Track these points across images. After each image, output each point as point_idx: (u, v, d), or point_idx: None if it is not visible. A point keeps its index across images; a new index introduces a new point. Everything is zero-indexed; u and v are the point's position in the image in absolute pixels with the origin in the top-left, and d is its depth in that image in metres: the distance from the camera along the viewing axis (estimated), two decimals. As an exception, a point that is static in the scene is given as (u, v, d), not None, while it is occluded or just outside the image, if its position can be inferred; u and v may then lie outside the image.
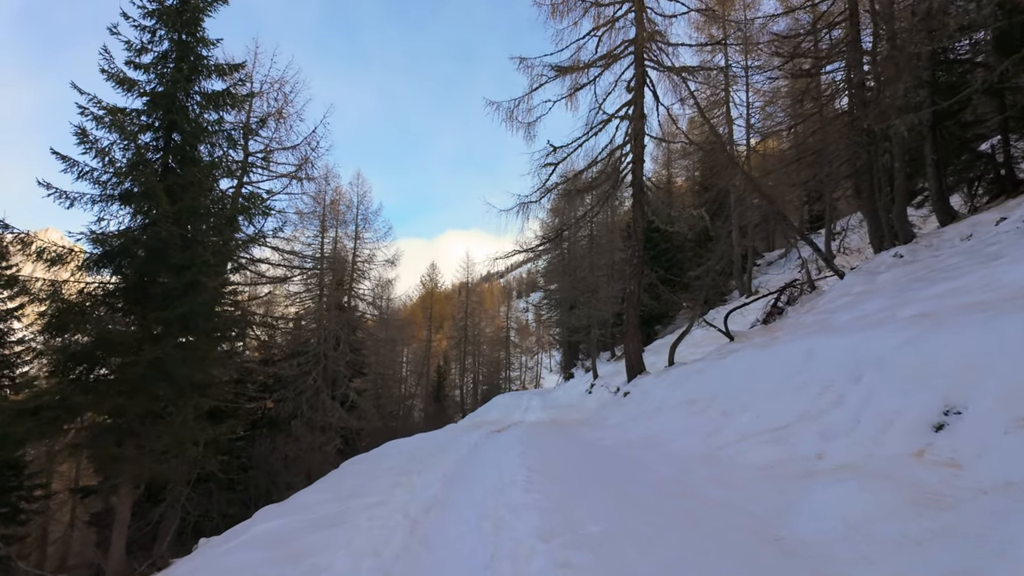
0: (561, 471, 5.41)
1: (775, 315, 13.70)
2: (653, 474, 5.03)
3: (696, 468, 5.02)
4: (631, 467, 5.51)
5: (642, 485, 4.49)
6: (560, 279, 33.98)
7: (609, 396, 14.09)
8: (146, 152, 8.78)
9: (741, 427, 5.50)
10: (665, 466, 5.35)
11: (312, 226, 23.48)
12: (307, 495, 5.05)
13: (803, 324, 8.91)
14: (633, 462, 5.78)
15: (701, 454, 5.50)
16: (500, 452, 7.15)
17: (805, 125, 18.02)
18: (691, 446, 5.88)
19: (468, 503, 4.23)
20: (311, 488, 5.50)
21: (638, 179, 12.73)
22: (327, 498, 4.68)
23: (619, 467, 5.55)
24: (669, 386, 8.75)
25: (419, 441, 9.02)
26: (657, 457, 5.84)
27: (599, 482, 4.72)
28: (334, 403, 22.99)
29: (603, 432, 8.84)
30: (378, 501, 4.17)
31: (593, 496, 4.12)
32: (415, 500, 4.33)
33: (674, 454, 5.80)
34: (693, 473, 4.85)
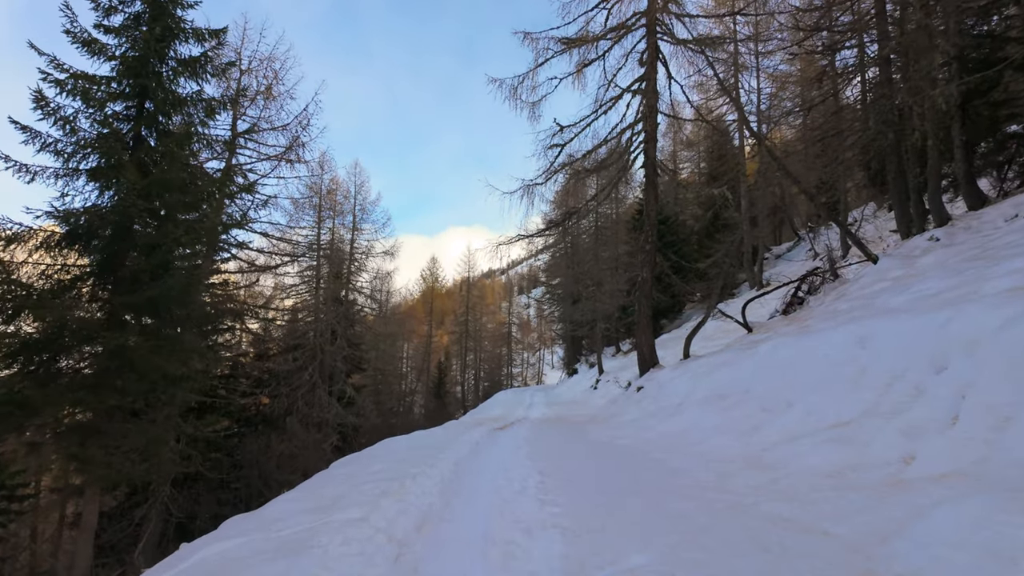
0: (578, 476, 4.62)
1: (795, 305, 12.90)
2: (688, 480, 4.24)
3: (739, 474, 4.22)
4: (659, 472, 4.71)
5: (680, 495, 3.70)
6: (563, 273, 33.15)
7: (619, 391, 13.31)
8: (115, 122, 7.97)
9: (788, 425, 4.71)
10: (700, 470, 4.56)
11: (308, 216, 22.68)
12: (282, 504, 4.26)
13: (837, 311, 8.10)
14: (660, 465, 4.99)
15: (741, 456, 4.71)
16: (506, 452, 6.36)
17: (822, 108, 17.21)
18: (727, 447, 5.09)
19: (470, 519, 3.44)
20: (288, 495, 4.72)
21: (651, 159, 11.90)
22: (303, 508, 3.89)
23: (645, 472, 4.76)
24: (691, 380, 7.95)
25: (416, 439, 8.23)
26: (688, 459, 5.05)
27: (627, 491, 3.93)
28: (331, 399, 22.22)
29: (617, 430, 8.05)
30: (359, 516, 3.37)
31: (624, 510, 3.33)
32: (405, 514, 3.53)
33: (708, 456, 5.01)
34: (737, 480, 4.06)
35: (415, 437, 8.69)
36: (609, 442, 6.96)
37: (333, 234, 24.59)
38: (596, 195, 12.28)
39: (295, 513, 3.75)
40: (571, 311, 31.01)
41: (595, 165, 11.96)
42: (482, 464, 5.75)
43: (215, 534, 3.92)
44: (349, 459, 7.20)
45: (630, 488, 3.99)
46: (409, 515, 3.54)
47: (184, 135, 7.89)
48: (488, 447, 7.32)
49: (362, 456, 7.09)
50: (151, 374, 7.04)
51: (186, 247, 7.43)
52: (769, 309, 14.06)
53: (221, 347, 17.02)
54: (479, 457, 6.36)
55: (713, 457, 4.93)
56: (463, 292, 46.54)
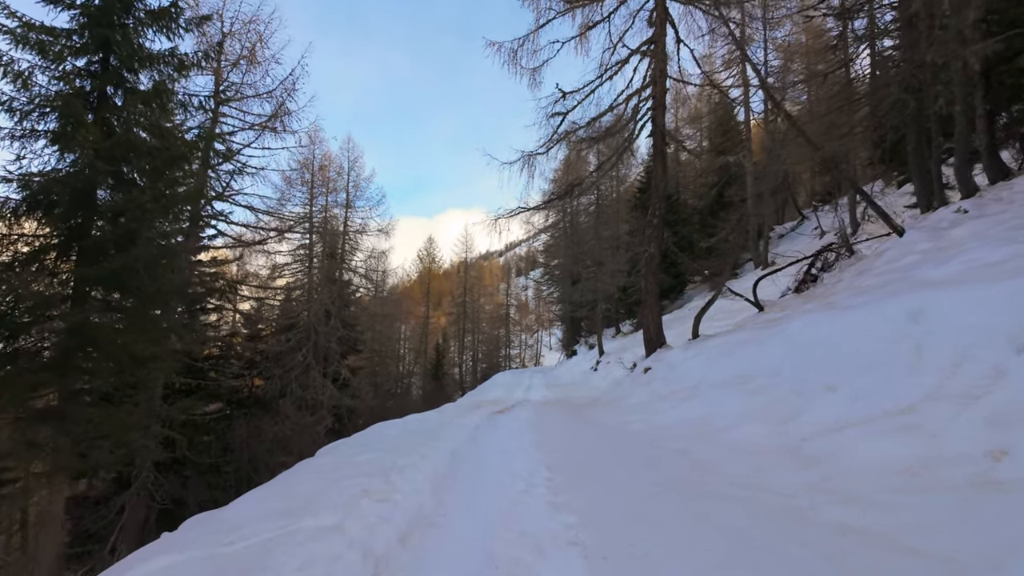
0: (592, 471, 4.03)
1: (808, 283, 12.29)
2: (721, 477, 3.65)
3: (780, 468, 3.64)
4: (685, 465, 4.13)
5: (718, 497, 3.11)
6: (562, 253, 32.47)
7: (623, 373, 12.76)
8: (76, 79, 7.22)
9: (832, 411, 4.11)
10: (732, 464, 3.98)
11: (299, 192, 21.87)
12: (246, 504, 3.67)
13: (865, 287, 7.49)
14: (683, 457, 4.41)
15: (777, 447, 4.13)
16: (507, 440, 5.79)
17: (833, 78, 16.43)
18: (758, 436, 4.51)
19: (466, 527, 2.85)
20: (258, 492, 4.13)
21: (659, 127, 11.17)
22: (269, 510, 3.30)
23: (668, 465, 4.17)
24: (706, 360, 7.36)
25: (410, 424, 7.66)
26: (715, 450, 4.47)
27: (653, 491, 3.34)
28: (325, 381, 21.68)
29: (627, 414, 7.49)
30: (332, 524, 2.78)
31: (655, 519, 2.74)
32: (388, 520, 2.94)
33: (737, 446, 4.43)
34: (779, 476, 3.48)
35: (409, 421, 8.12)
36: (619, 428, 6.39)
37: (326, 212, 23.80)
38: (601, 165, 11.56)
39: (258, 517, 3.15)
40: (570, 292, 30.42)
41: (600, 133, 11.22)
42: (481, 454, 5.17)
43: (164, 542, 3.34)
44: (335, 446, 6.62)
45: (656, 487, 3.40)
46: (393, 521, 2.94)
47: (151, 93, 7.15)
48: (488, 433, 6.75)
49: (349, 443, 6.51)
50: (117, 354, 6.44)
51: (155, 216, 6.75)
52: (779, 287, 13.44)
53: (209, 327, 16.43)
54: (478, 445, 5.79)
55: (744, 448, 4.35)
56: (461, 273, 45.84)
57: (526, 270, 77.65)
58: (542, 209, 11.75)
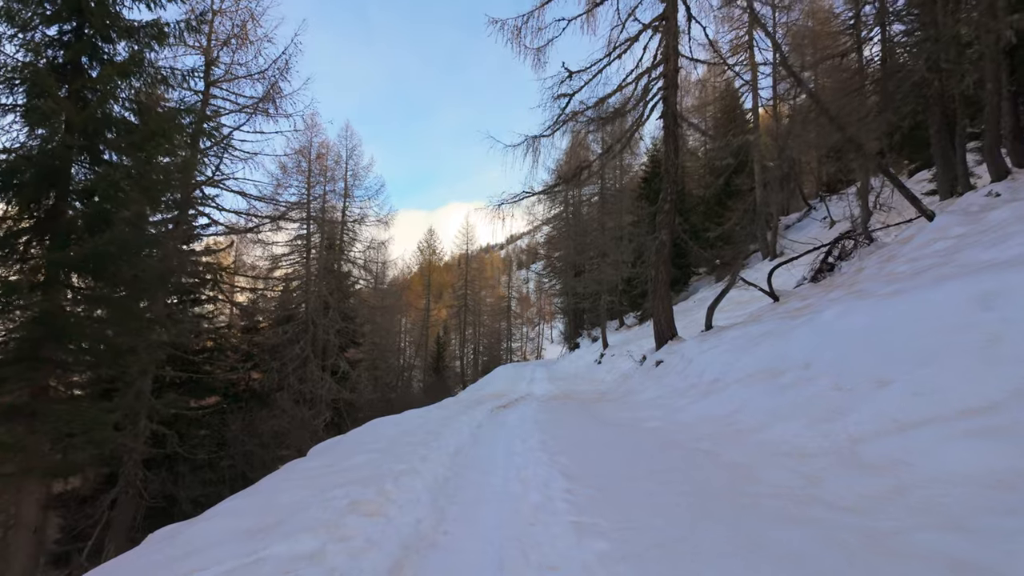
0: (615, 479, 3.52)
1: (824, 272, 11.76)
2: (767, 487, 3.14)
3: (834, 477, 3.12)
4: (718, 471, 3.62)
5: (774, 517, 2.59)
6: (565, 245, 31.89)
7: (630, 366, 12.24)
8: (47, 48, 6.67)
9: (888, 409, 3.59)
10: (772, 470, 3.47)
11: (296, 180, 21.30)
12: (216, 520, 3.15)
13: (897, 273, 6.97)
14: (714, 461, 3.90)
15: (824, 450, 3.62)
16: (514, 439, 5.28)
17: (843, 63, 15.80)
18: (797, 437, 3.99)
19: (473, 553, 2.35)
20: (231, 503, 3.61)
21: (671, 107, 10.59)
22: (240, 529, 2.80)
23: (701, 471, 3.66)
24: (726, 353, 6.83)
25: (408, 421, 7.16)
26: (749, 453, 3.96)
27: (692, 506, 2.82)
28: (324, 374, 21.20)
29: (640, 410, 6.98)
30: (310, 550, 2.27)
31: (705, 546, 2.23)
32: (378, 545, 2.43)
33: (774, 449, 3.92)
34: (837, 487, 2.96)
35: (408, 418, 7.62)
36: (635, 425, 5.88)
37: (324, 201, 23.22)
38: (611, 147, 11.00)
39: (225, 538, 2.65)
40: (573, 283, 29.90)
41: (608, 114, 10.65)
42: (486, 456, 4.67)
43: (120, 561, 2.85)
44: (328, 446, 6.12)
45: (693, 500, 2.88)
46: (385, 545, 2.44)
47: (128, 63, 6.59)
48: (492, 431, 6.26)
49: (343, 442, 6.02)
50: (92, 346, 5.94)
51: (131, 196, 6.22)
52: (793, 277, 12.87)
53: (203, 319, 15.93)
54: (482, 445, 5.28)
55: (782, 450, 3.84)
56: (461, 266, 45.25)
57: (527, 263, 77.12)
58: (547, 194, 11.19)
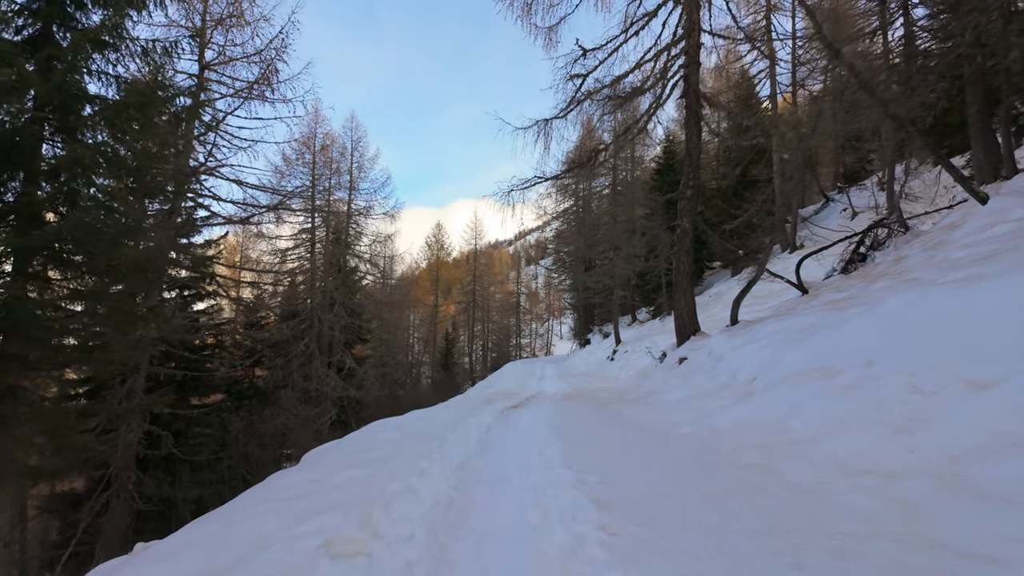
0: (661, 508, 2.85)
1: (855, 263, 10.99)
2: (859, 527, 2.47)
3: (956, 515, 2.44)
4: (787, 497, 2.94)
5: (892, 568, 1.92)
6: (575, 239, 31.15)
7: (648, 362, 11.55)
8: (12, 16, 6.09)
9: (994, 418, 2.90)
10: (854, 496, 2.79)
11: (300, 172, 20.72)
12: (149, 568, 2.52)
13: (956, 261, 6.21)
14: (775, 482, 3.22)
15: (910, 470, 2.93)
16: (528, 448, 4.63)
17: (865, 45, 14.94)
18: (871, 450, 3.30)
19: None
20: (183, 536, 2.98)
21: (692, 85, 9.86)
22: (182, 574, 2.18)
23: (764, 498, 2.98)
24: (764, 348, 6.13)
25: (411, 424, 6.54)
26: (811, 470, 3.27)
27: (772, 556, 2.16)
28: (329, 371, 20.67)
29: (667, 414, 6.29)
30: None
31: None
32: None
33: (843, 465, 3.23)
34: (962, 528, 2.29)
35: (411, 420, 6.99)
36: (664, 432, 5.20)
37: (329, 194, 22.64)
38: (628, 128, 10.29)
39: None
40: (584, 278, 29.17)
41: (626, 93, 9.93)
42: (497, 470, 4.02)
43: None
44: (321, 452, 5.51)
45: (776, 546, 2.21)
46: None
47: (100, 28, 5.98)
48: (503, 436, 5.61)
49: (338, 449, 5.40)
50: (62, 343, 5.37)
51: (102, 175, 5.62)
52: (820, 269, 12.08)
53: (203, 314, 15.43)
54: (491, 454, 4.63)
55: (856, 468, 3.16)
56: (470, 262, 44.57)
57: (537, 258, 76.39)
58: (560, 179, 10.51)
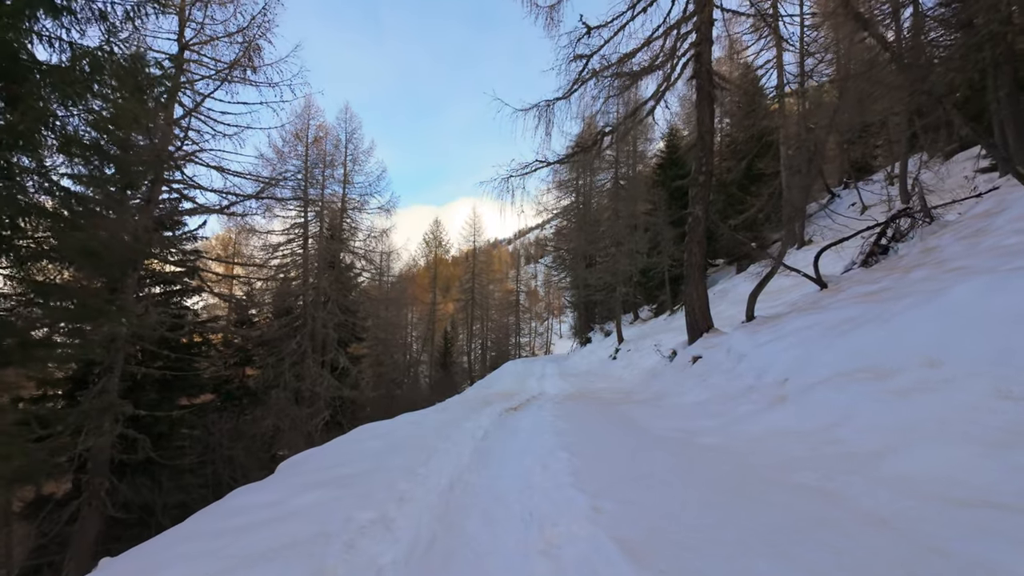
0: (712, 556, 2.17)
1: (876, 255, 10.32)
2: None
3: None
4: (875, 538, 2.27)
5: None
6: (575, 236, 30.46)
7: (657, 361, 10.88)
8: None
9: None
10: (968, 542, 2.13)
11: (293, 164, 20.00)
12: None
13: (1009, 248, 5.55)
14: (847, 512, 2.54)
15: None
16: (531, 462, 3.94)
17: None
18: (965, 470, 2.63)
19: None
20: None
21: (704, 64, 9.17)
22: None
23: (843, 537, 2.30)
24: (794, 346, 5.44)
25: (400, 430, 5.86)
26: (893, 497, 2.60)
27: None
28: (322, 370, 19.98)
29: (684, 420, 5.61)
30: None
31: None
32: None
33: (934, 491, 2.56)
34: None
35: (400, 426, 6.32)
36: (686, 441, 4.52)
37: (323, 187, 21.93)
38: (636, 110, 9.59)
39: None
40: (585, 275, 28.48)
41: (634, 70, 9.24)
42: (493, 489, 3.33)
43: None
44: (293, 464, 4.83)
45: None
46: None
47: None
48: (501, 445, 4.93)
49: (311, 460, 4.72)
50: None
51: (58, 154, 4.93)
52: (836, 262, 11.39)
53: (188, 311, 14.74)
54: (487, 468, 3.95)
55: (952, 495, 2.48)
56: (469, 259, 43.84)
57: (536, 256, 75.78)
58: (564, 163, 9.82)
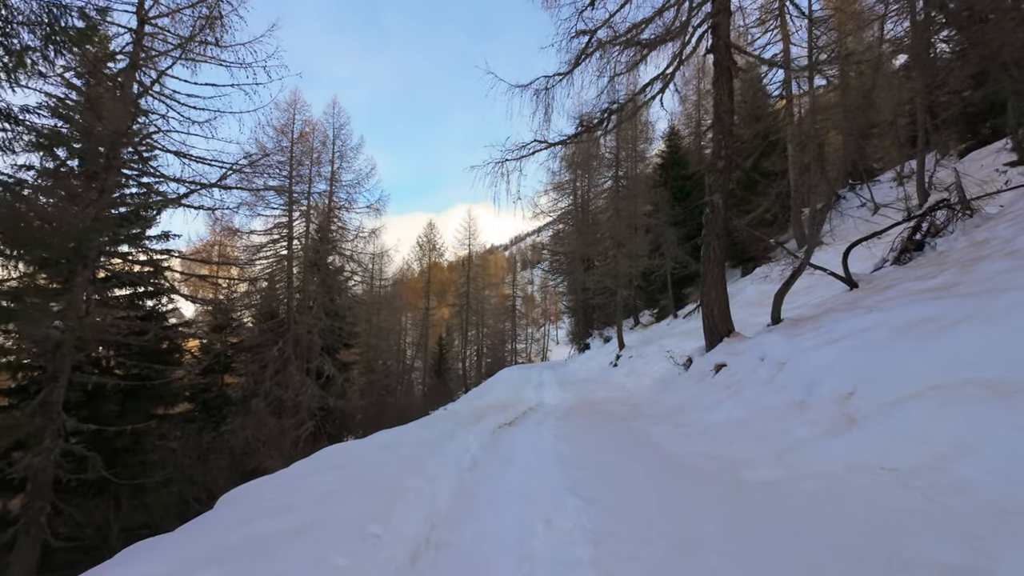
0: None
1: (910, 251, 9.31)
2: None
3: None
4: None
5: None
6: (573, 240, 29.46)
7: (669, 369, 9.81)
8: None
9: None
10: None
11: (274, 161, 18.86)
12: None
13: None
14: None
15: None
16: (529, 508, 2.86)
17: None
18: None
19: None
20: None
21: (723, 37, 8.17)
22: None
23: None
24: (855, 350, 4.36)
25: (366, 457, 4.77)
26: None
27: None
28: (306, 378, 18.80)
29: (720, 443, 4.53)
30: None
31: None
32: None
33: None
34: None
35: (369, 450, 5.22)
36: (732, 477, 3.43)
37: (310, 184, 20.81)
38: (645, 87, 8.56)
39: None
40: (583, 278, 27.41)
41: (647, 40, 8.23)
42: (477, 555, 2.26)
43: None
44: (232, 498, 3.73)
45: None
46: None
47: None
48: (491, 481, 3.84)
49: (233, 507, 3.62)
50: None
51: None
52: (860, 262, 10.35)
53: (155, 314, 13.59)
54: (470, 523, 2.87)
55: None
56: (464, 264, 42.66)
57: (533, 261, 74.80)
58: (568, 144, 8.76)
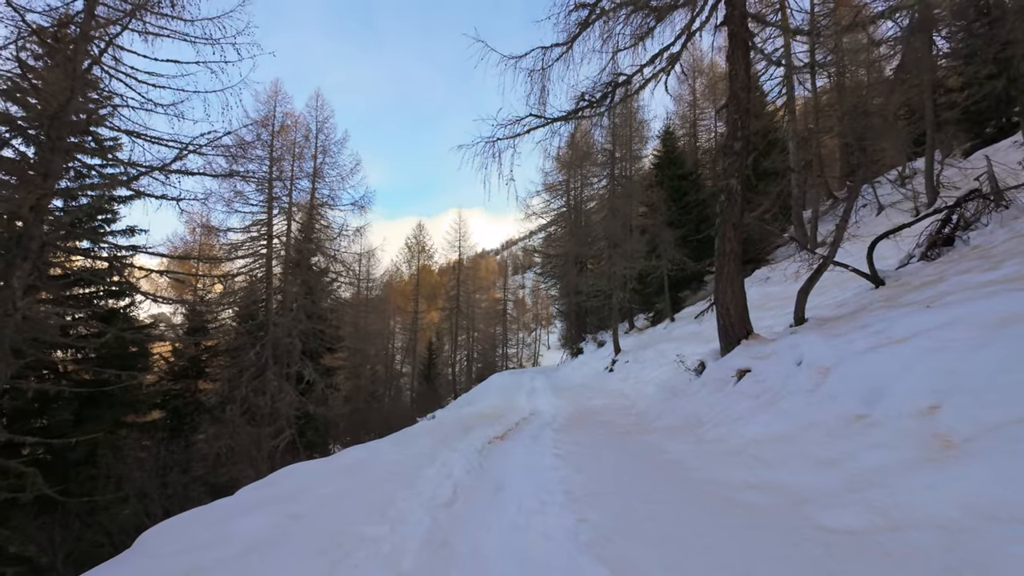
0: None
1: (938, 246, 8.53)
2: None
3: None
4: None
5: None
6: (566, 241, 28.62)
7: (677, 375, 8.93)
8: None
9: None
10: None
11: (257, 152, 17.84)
12: None
13: None
14: None
15: None
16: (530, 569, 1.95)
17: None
18: None
19: None
20: None
21: (738, 7, 7.33)
22: None
23: None
24: (931, 353, 3.46)
25: (317, 490, 3.81)
26: None
27: None
28: (285, 384, 17.71)
29: (761, 466, 3.63)
30: None
31: None
32: None
33: None
34: None
35: (326, 477, 4.25)
36: (805, 526, 2.54)
37: (292, 180, 19.78)
38: (655, 58, 7.62)
39: None
40: (577, 281, 26.54)
41: (659, 5, 7.35)
42: None
43: None
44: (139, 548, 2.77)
45: None
46: None
47: None
48: (476, 523, 2.91)
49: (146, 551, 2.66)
50: None
51: None
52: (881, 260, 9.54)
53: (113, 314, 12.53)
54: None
55: None
56: (455, 268, 41.64)
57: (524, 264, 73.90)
58: (569, 120, 7.85)
